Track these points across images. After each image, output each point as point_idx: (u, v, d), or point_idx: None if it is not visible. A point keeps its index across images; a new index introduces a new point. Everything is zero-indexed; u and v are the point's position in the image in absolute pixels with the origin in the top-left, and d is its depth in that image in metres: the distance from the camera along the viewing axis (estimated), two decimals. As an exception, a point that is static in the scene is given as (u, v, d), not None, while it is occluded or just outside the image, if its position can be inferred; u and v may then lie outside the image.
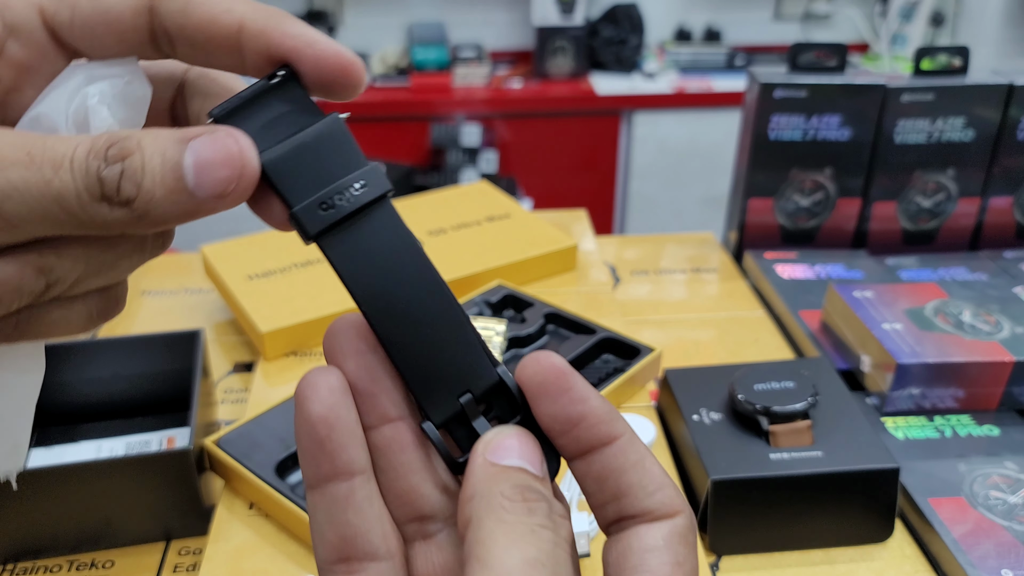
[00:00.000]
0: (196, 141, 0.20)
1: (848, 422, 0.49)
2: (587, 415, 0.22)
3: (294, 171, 0.22)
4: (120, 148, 0.19)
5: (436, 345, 0.22)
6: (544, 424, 0.22)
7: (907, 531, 0.49)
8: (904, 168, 0.75)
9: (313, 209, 0.22)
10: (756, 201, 0.77)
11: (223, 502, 0.48)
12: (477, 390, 0.23)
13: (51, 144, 0.19)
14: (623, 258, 0.80)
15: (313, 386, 0.22)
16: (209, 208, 0.20)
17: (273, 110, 0.22)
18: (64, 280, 0.21)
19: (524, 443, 0.22)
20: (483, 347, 0.23)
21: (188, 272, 0.76)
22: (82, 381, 0.54)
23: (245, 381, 0.62)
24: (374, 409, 0.22)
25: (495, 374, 0.23)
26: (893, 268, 0.73)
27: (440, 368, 0.22)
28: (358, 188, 0.22)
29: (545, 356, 0.22)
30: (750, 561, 0.47)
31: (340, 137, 0.22)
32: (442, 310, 0.22)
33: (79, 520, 0.46)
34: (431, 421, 0.22)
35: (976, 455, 0.52)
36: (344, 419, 0.22)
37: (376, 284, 0.22)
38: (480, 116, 1.95)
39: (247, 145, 0.21)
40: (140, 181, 0.19)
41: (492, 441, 0.22)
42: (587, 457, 0.22)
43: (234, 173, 0.20)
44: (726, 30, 2.19)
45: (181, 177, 0.20)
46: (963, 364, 0.54)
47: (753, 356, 0.64)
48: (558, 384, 0.22)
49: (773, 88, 0.72)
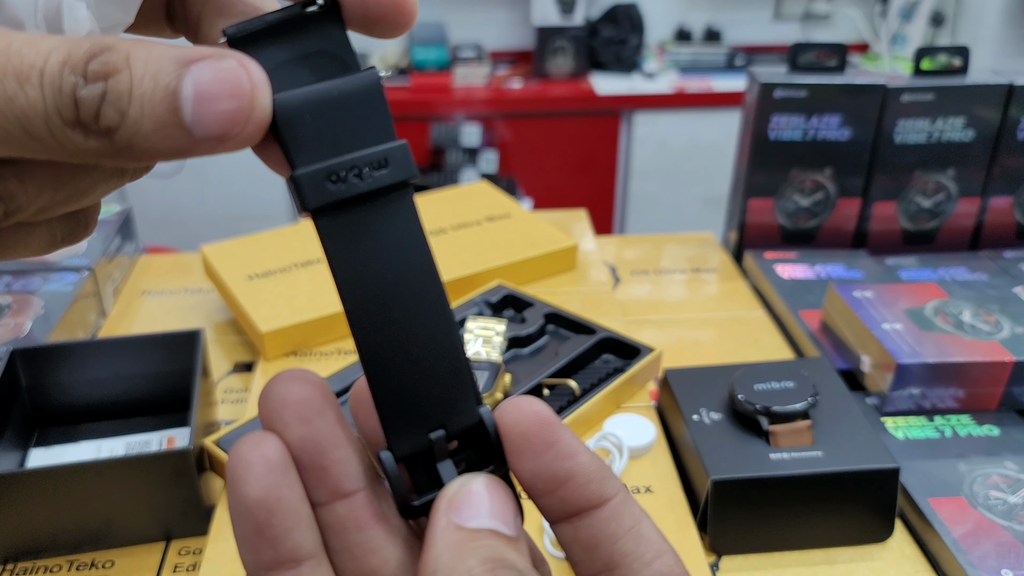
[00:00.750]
0: (199, 65, 0.16)
1: (848, 422, 0.49)
2: (575, 473, 0.19)
3: (309, 125, 0.18)
4: (103, 62, 0.15)
5: (419, 367, 0.19)
6: (524, 482, 0.19)
7: (907, 531, 0.49)
8: (904, 168, 0.75)
9: (319, 178, 0.18)
10: (756, 201, 0.77)
11: (223, 502, 0.48)
12: (452, 428, 0.19)
13: (17, 48, 0.15)
14: (623, 258, 0.80)
15: (246, 464, 0.18)
16: (205, 149, 0.16)
17: (302, 46, 0.18)
18: (26, 208, 0.17)
19: (494, 495, 0.18)
20: (472, 382, 0.20)
21: (188, 272, 0.76)
22: (82, 381, 0.54)
23: (245, 381, 0.61)
24: (323, 484, 0.19)
25: (476, 414, 0.20)
26: (893, 268, 0.73)
27: (417, 394, 0.19)
28: (379, 166, 0.18)
29: (527, 403, 0.19)
30: (750, 561, 0.47)
31: (374, 99, 0.18)
32: (436, 330, 0.19)
33: (79, 520, 0.46)
34: (391, 452, 0.19)
35: (976, 455, 0.52)
36: (286, 500, 0.18)
37: (369, 283, 0.19)
38: (480, 116, 1.95)
39: (261, 80, 0.17)
40: (126, 108, 0.16)
41: (457, 496, 0.18)
42: (574, 521, 0.19)
43: (241, 113, 0.16)
44: (726, 30, 2.19)
45: (176, 109, 0.16)
46: (963, 364, 0.54)
47: (753, 356, 0.64)
48: (542, 436, 0.19)
49: (773, 88, 0.72)
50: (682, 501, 0.49)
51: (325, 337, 0.63)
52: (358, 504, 0.19)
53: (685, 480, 0.51)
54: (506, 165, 2.01)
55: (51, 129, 0.15)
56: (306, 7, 0.18)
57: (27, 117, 0.15)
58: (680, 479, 0.51)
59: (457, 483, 0.19)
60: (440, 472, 0.19)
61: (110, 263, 0.71)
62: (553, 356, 0.57)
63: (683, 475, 0.51)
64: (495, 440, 0.19)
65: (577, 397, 0.54)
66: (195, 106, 0.16)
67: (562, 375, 0.56)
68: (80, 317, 0.64)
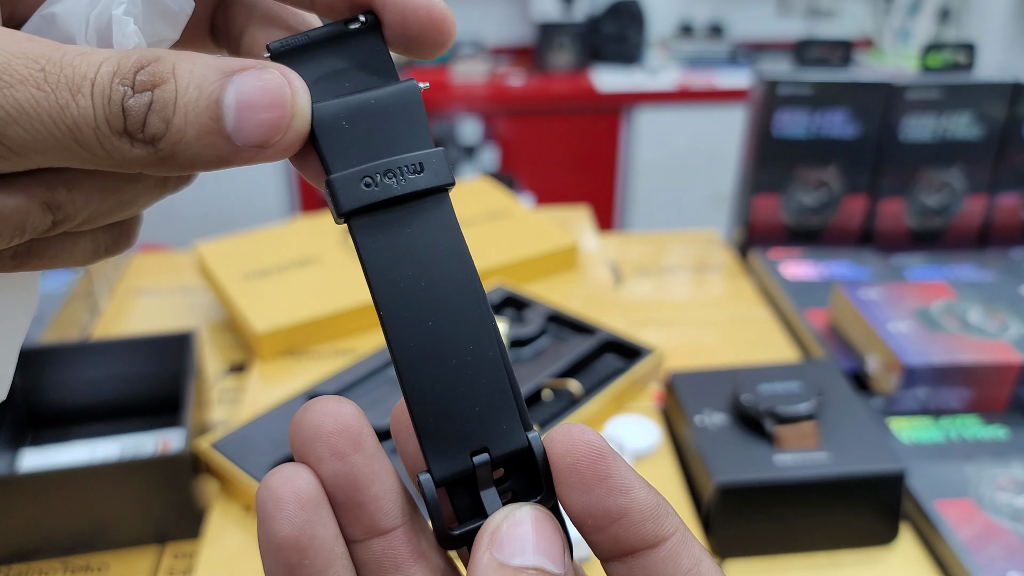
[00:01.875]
0: (242, 76, 0.16)
1: (854, 424, 0.49)
2: (629, 510, 0.17)
3: (346, 133, 0.18)
4: (151, 73, 0.16)
5: (460, 382, 0.18)
6: (575, 516, 0.18)
7: (913, 534, 0.48)
8: (910, 165, 0.74)
9: (354, 181, 0.18)
10: (761, 198, 0.76)
11: (218, 505, 0.48)
12: (497, 452, 0.18)
13: (70, 59, 0.16)
14: (625, 256, 0.79)
15: (277, 500, 0.17)
16: (246, 157, 0.17)
17: (343, 60, 0.18)
18: (74, 217, 0.18)
19: (542, 530, 0.17)
20: (519, 403, 0.19)
21: (183, 271, 0.75)
22: (76, 382, 0.53)
23: (241, 381, 0.61)
24: (359, 521, 0.18)
25: (524, 439, 0.18)
26: (899, 266, 0.73)
27: (458, 411, 0.18)
28: (414, 171, 0.18)
29: (579, 431, 0.18)
30: (754, 564, 0.46)
31: (413, 109, 0.18)
32: (478, 343, 0.18)
33: (72, 523, 0.45)
34: (431, 475, 0.18)
35: (983, 457, 0.52)
36: (319, 538, 0.17)
37: (406, 291, 0.18)
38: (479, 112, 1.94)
39: (302, 90, 0.17)
40: (170, 116, 0.16)
41: (500, 530, 0.17)
42: (627, 560, 0.18)
43: (282, 122, 0.17)
44: (729, 24, 2.18)
45: (219, 117, 0.16)
46: (970, 365, 0.54)
47: (758, 356, 0.63)
48: (594, 469, 0.17)
49: (778, 85, 0.71)
50: (686, 504, 0.48)
51: (321, 337, 0.62)
52: (396, 542, 0.18)
53: (689, 483, 0.50)
54: (506, 162, 2.00)
55: (99, 138, 0.16)
56: (348, 24, 0.19)
57: (78, 126, 0.16)
58: (685, 482, 0.50)
59: (501, 515, 0.18)
60: (484, 500, 0.18)
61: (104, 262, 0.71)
62: (554, 357, 0.56)
63: (687, 477, 0.51)
64: (543, 469, 0.18)
65: (578, 398, 0.53)
66: (237, 114, 0.16)
67: (563, 376, 0.55)
68: (74, 317, 0.64)
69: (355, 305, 0.63)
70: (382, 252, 0.18)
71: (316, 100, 0.18)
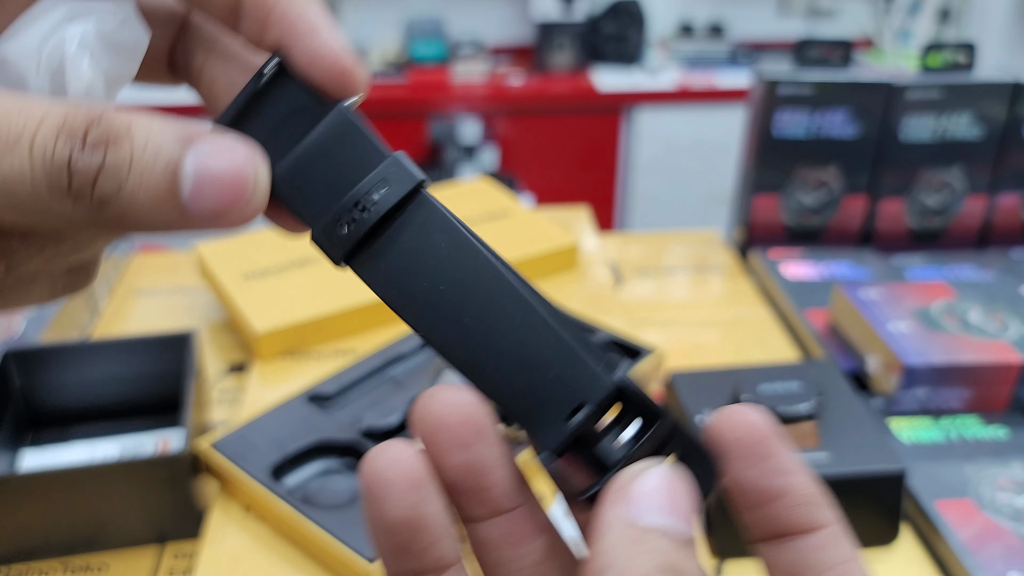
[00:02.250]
0: (201, 145, 0.16)
1: (854, 424, 0.49)
2: (788, 492, 0.18)
3: (307, 183, 0.18)
4: (104, 131, 0.15)
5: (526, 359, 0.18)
6: (734, 492, 0.18)
7: (913, 534, 0.48)
8: (910, 165, 0.74)
9: (331, 228, 0.18)
10: (761, 198, 0.76)
11: (218, 505, 0.48)
12: (592, 402, 0.18)
13: (6, 109, 0.15)
14: (625, 256, 0.79)
15: (386, 483, 0.17)
16: (197, 226, 0.16)
17: (273, 113, 0.19)
18: (27, 263, 0.17)
19: (672, 489, 0.17)
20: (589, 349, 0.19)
21: (183, 271, 0.75)
22: (75, 382, 0.53)
23: (241, 381, 0.61)
24: (484, 504, 0.18)
25: (608, 381, 0.18)
26: (899, 266, 0.73)
27: (540, 385, 0.18)
28: (379, 191, 0.18)
29: (745, 412, 0.18)
30: (754, 565, 0.46)
31: (350, 132, 0.19)
32: (520, 315, 0.18)
33: (72, 523, 0.45)
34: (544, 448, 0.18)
35: (983, 457, 0.52)
36: (429, 516, 0.17)
37: (430, 302, 0.18)
38: (479, 112, 1.94)
39: (262, 164, 0.17)
40: (123, 179, 0.15)
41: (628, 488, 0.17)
42: (779, 543, 0.18)
43: (242, 195, 0.16)
44: (729, 24, 2.18)
45: (175, 186, 0.16)
46: (971, 365, 0.54)
47: (758, 356, 0.63)
48: (759, 448, 0.18)
49: (778, 85, 0.71)
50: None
51: (321, 337, 0.62)
52: (520, 519, 0.19)
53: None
54: (506, 162, 2.00)
55: (35, 198, 0.15)
56: (261, 78, 0.19)
57: (9, 186, 0.15)
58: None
59: (628, 473, 0.17)
60: (601, 456, 0.19)
61: (103, 261, 0.71)
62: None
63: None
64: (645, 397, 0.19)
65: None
66: (195, 184, 0.16)
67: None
68: (73, 317, 0.64)
69: (355, 305, 0.63)
70: (391, 276, 0.18)
71: (271, 161, 0.18)
